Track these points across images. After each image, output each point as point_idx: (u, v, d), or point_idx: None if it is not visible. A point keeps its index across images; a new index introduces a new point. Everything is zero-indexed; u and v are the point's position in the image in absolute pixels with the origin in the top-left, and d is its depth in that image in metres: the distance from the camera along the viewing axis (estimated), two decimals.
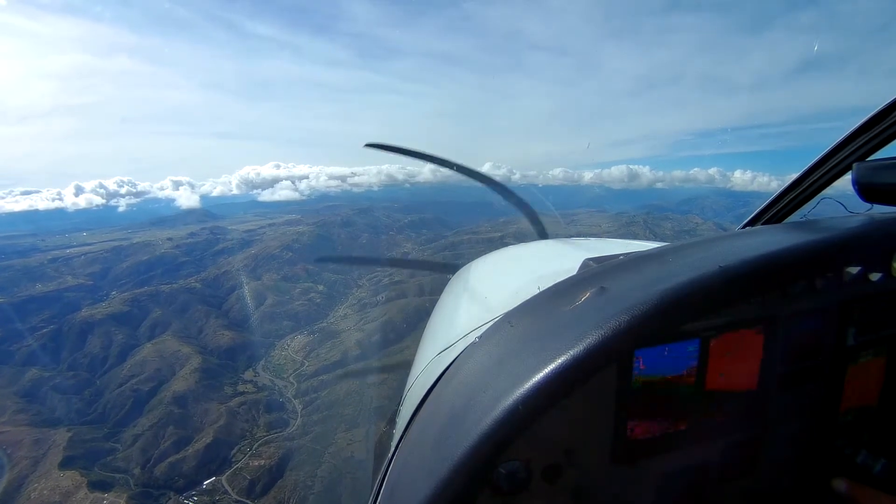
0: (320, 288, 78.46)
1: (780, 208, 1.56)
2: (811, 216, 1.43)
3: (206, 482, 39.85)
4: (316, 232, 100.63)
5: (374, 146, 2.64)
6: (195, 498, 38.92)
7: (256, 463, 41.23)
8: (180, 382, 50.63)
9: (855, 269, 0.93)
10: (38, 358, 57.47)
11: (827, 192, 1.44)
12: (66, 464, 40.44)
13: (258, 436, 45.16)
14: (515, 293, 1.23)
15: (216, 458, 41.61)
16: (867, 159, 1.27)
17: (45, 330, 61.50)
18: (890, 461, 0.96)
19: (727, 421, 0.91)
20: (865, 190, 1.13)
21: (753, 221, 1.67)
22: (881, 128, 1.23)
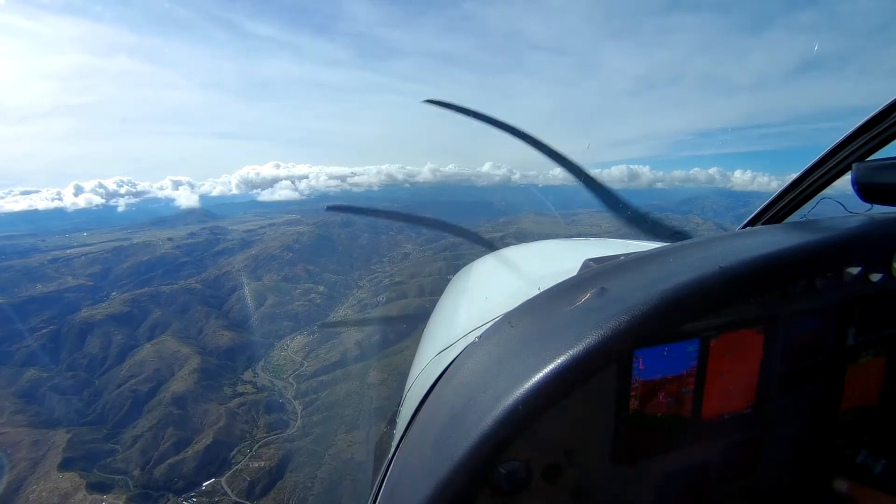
0: (320, 288, 78.44)
1: (780, 208, 1.57)
2: (811, 216, 1.43)
3: (205, 484, 39.76)
4: (316, 232, 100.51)
5: (434, 102, 2.54)
6: (194, 499, 38.84)
7: (256, 464, 41.16)
8: (180, 383, 50.55)
9: (855, 270, 0.94)
10: (38, 358, 57.33)
11: (827, 192, 1.44)
12: (65, 465, 40.36)
13: (258, 437, 45.06)
14: (515, 293, 1.23)
15: (216, 460, 41.53)
16: (867, 159, 1.28)
17: (44, 330, 61.38)
18: (890, 461, 0.97)
19: (727, 421, 0.91)
20: (865, 190, 1.13)
21: (753, 221, 1.67)
22: (881, 128, 1.24)
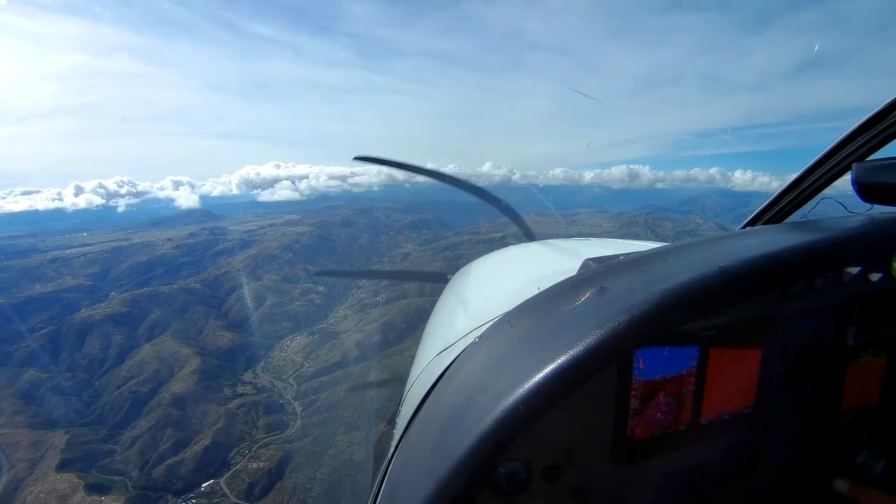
0: (320, 289, 78.36)
1: (780, 208, 1.57)
2: (811, 216, 1.43)
3: (204, 485, 39.67)
4: (316, 232, 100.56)
5: (363, 159, 2.71)
6: (193, 500, 38.74)
7: (255, 465, 41.07)
8: (179, 384, 50.47)
9: (855, 270, 0.93)
10: (37, 359, 57.22)
11: (827, 192, 1.44)
12: (63, 466, 40.26)
13: (257, 438, 44.98)
14: (515, 293, 1.22)
15: (215, 461, 41.45)
16: (867, 159, 1.27)
17: (43, 331, 61.26)
18: (891, 462, 0.96)
19: (727, 421, 0.91)
20: (865, 190, 1.13)
21: (753, 221, 1.67)
22: (881, 128, 1.24)
